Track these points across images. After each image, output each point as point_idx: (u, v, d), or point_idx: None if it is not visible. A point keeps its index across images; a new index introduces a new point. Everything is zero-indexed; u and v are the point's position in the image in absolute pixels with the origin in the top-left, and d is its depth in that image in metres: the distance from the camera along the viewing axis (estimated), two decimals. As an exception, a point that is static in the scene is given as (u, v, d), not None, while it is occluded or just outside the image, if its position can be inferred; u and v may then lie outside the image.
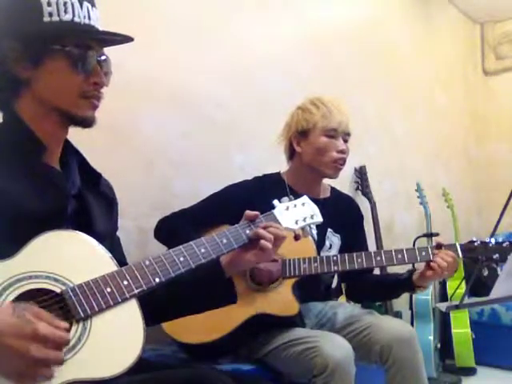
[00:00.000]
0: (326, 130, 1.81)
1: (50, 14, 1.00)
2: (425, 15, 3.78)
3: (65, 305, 0.93)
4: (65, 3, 1.01)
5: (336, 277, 2.03)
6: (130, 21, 1.86)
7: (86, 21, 1.04)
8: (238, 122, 2.36)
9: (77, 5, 1.02)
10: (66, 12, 1.00)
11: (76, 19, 1.02)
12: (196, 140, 2.17)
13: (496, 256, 1.59)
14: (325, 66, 2.82)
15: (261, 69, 2.47)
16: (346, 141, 1.84)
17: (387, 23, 3.37)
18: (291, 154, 1.92)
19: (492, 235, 1.51)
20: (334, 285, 2.03)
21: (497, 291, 1.33)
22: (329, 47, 2.88)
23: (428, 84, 3.76)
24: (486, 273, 1.54)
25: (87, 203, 1.11)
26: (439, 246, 1.65)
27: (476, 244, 1.65)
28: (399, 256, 1.64)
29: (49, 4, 1.00)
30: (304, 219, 1.35)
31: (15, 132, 1.05)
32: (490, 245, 1.62)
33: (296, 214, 1.35)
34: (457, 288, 1.67)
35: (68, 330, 0.88)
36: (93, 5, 1.07)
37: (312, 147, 1.82)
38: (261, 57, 2.47)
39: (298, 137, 1.86)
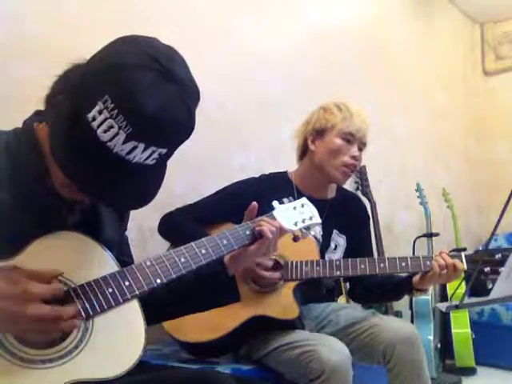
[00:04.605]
0: (343, 132, 1.78)
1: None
2: (425, 15, 3.78)
3: (67, 305, 0.93)
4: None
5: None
6: (129, 20, 1.86)
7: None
8: (238, 122, 2.36)
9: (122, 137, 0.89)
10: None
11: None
12: (196, 140, 2.13)
13: (502, 269, 1.50)
14: (325, 66, 2.82)
15: (261, 69, 2.47)
16: (360, 149, 1.83)
17: (387, 23, 3.37)
18: (303, 152, 1.89)
19: (492, 235, 1.49)
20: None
21: (497, 291, 1.33)
22: (329, 47, 2.88)
23: (428, 84, 3.76)
24: (490, 286, 1.50)
25: (97, 213, 1.10)
26: None
27: (482, 256, 1.61)
28: (403, 264, 1.62)
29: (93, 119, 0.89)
30: (303, 221, 1.36)
31: (25, 148, 0.99)
32: (497, 257, 1.57)
33: (295, 215, 1.36)
34: (457, 288, 1.65)
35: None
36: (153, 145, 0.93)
37: (326, 147, 1.80)
38: (261, 57, 2.47)
39: (315, 135, 1.84)
